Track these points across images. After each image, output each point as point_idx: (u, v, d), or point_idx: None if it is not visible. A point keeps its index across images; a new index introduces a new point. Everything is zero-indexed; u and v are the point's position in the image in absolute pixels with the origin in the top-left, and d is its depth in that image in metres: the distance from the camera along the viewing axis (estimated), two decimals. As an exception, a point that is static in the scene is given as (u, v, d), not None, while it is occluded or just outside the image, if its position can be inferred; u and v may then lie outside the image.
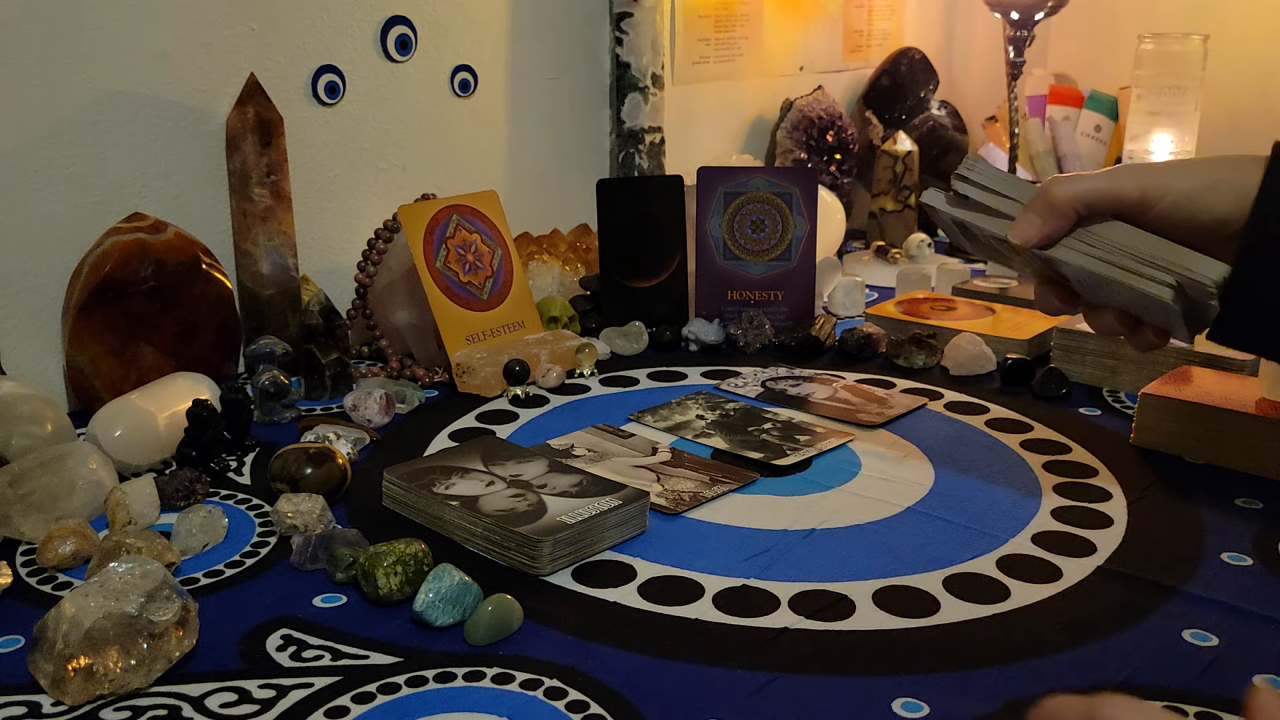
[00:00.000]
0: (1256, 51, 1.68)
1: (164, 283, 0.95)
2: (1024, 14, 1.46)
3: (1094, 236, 0.66)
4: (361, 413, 0.93)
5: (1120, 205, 0.66)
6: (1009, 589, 0.68)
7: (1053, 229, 0.67)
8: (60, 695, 0.56)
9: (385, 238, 1.06)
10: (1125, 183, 0.65)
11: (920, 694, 0.57)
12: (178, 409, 0.85)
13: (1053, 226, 0.67)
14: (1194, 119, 1.29)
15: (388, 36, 1.15)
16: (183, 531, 0.72)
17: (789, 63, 1.61)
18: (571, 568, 0.70)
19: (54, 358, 0.95)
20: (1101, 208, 0.66)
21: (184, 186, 1.02)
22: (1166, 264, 0.64)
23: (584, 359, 1.06)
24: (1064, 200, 0.66)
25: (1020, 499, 0.80)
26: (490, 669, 0.59)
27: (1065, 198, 0.66)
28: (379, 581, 0.65)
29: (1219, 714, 0.56)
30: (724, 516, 0.77)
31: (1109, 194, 0.66)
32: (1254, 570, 0.70)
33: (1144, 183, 0.65)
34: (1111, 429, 0.93)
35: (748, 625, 0.64)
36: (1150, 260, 0.65)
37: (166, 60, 0.99)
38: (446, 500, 0.74)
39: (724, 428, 0.93)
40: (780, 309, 1.18)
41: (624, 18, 1.34)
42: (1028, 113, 1.70)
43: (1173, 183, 0.64)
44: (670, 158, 1.41)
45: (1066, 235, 0.67)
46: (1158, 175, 0.65)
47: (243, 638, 0.62)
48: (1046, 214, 0.67)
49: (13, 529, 0.73)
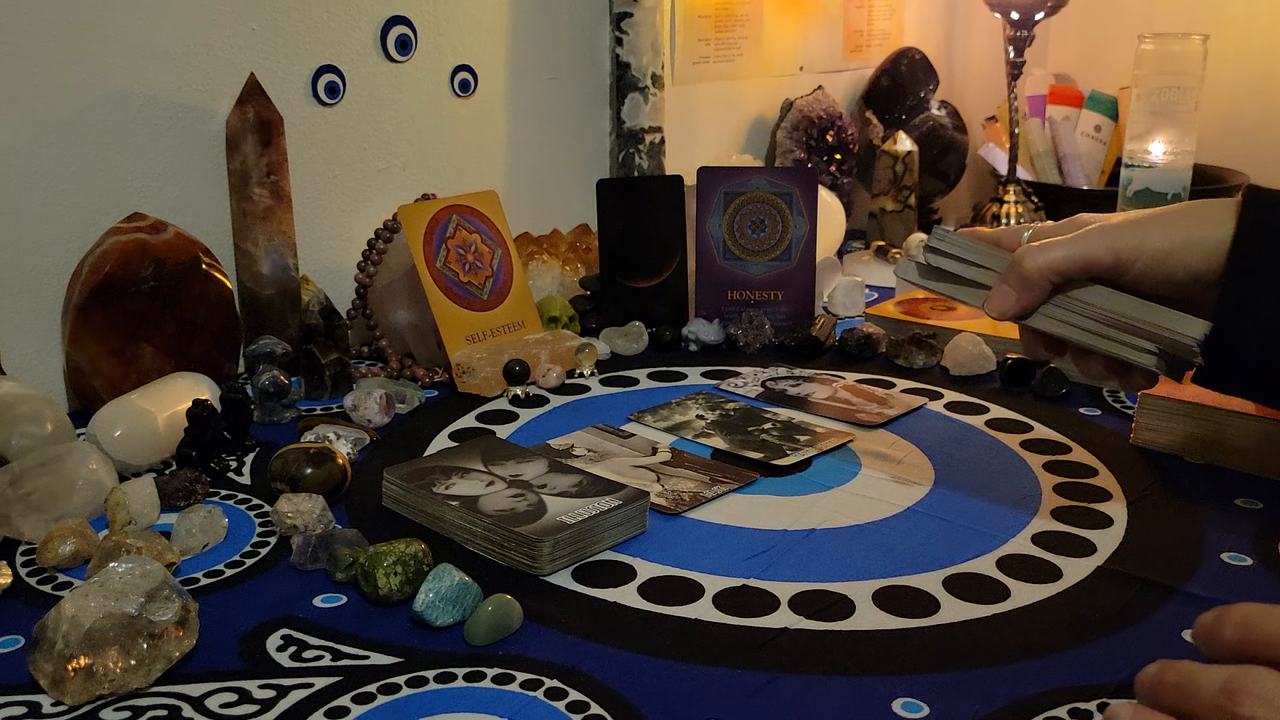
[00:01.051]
0: (1256, 51, 1.68)
1: (164, 283, 0.95)
2: (1024, 14, 1.46)
3: (1072, 302, 0.66)
4: (361, 413, 0.93)
5: (1094, 271, 0.65)
6: (1009, 589, 0.68)
7: (1028, 301, 0.67)
8: (60, 695, 0.56)
9: (385, 238, 1.06)
10: (1097, 248, 0.64)
11: (920, 694, 0.57)
12: (178, 409, 0.85)
13: (1028, 299, 0.67)
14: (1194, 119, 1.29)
15: (388, 36, 1.15)
16: (183, 531, 0.72)
17: (789, 63, 1.61)
18: (571, 568, 0.70)
19: (54, 358, 0.95)
20: (1075, 275, 0.66)
21: (184, 186, 1.02)
22: (1147, 325, 0.64)
23: (584, 359, 1.06)
24: (1037, 272, 0.65)
25: (1020, 499, 0.80)
26: (490, 669, 0.59)
27: (1038, 269, 0.65)
28: (379, 581, 0.65)
29: (1219, 714, 0.56)
30: (724, 516, 0.77)
31: (1082, 261, 0.65)
32: (1254, 570, 0.70)
33: (1116, 246, 0.64)
34: (1111, 429, 0.93)
35: (747, 625, 0.63)
36: (1130, 325, 0.65)
37: (166, 60, 0.99)
38: (446, 500, 0.74)
39: (724, 428, 0.93)
40: (780, 309, 1.18)
41: (624, 18, 1.34)
42: (1028, 113, 1.70)
43: (1146, 243, 0.63)
44: (670, 158, 1.41)
45: (1043, 304, 0.67)
46: (1130, 236, 0.64)
47: (243, 638, 0.62)
48: (1020, 287, 0.66)
49: (13, 529, 0.73)
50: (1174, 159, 1.30)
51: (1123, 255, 0.64)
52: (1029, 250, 0.66)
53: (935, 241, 0.71)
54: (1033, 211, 1.55)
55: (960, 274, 0.70)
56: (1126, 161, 1.33)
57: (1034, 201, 1.56)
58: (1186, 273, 0.63)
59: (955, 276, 0.70)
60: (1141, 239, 0.64)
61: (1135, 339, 0.65)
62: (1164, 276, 0.63)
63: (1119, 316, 0.65)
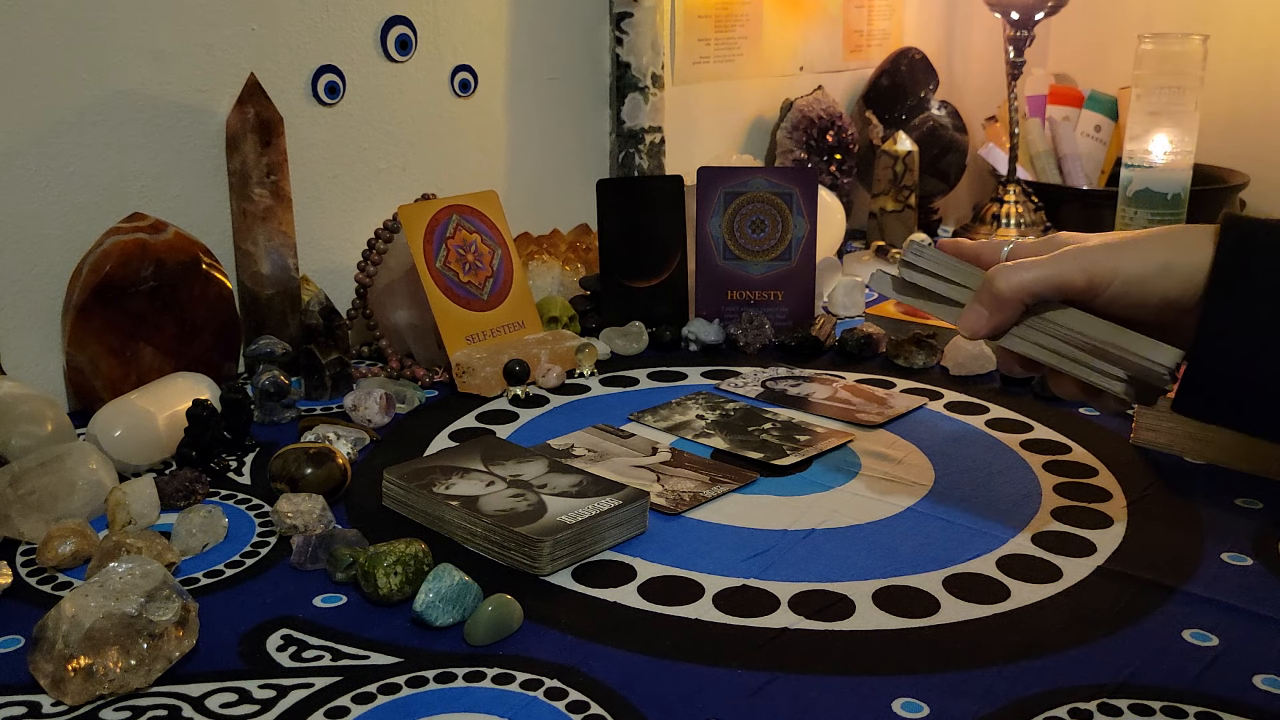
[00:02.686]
0: (1256, 51, 1.68)
1: (164, 283, 0.95)
2: (1024, 14, 1.46)
3: (1044, 324, 0.66)
4: (361, 413, 0.93)
5: (1068, 293, 0.65)
6: (1009, 589, 0.68)
7: (1000, 321, 0.66)
8: (60, 695, 0.56)
9: (385, 238, 1.06)
10: (1071, 270, 0.64)
11: (920, 694, 0.57)
12: (178, 409, 0.85)
13: (1000, 319, 0.66)
14: (1194, 119, 1.29)
15: (388, 36, 1.15)
16: (183, 531, 0.72)
17: (789, 63, 1.61)
18: (571, 568, 0.70)
19: (54, 358, 0.95)
20: (1049, 296, 0.65)
21: (184, 186, 1.02)
22: (1118, 351, 0.64)
23: (584, 359, 1.06)
24: (1010, 292, 0.65)
25: (1020, 499, 0.80)
26: (490, 669, 0.59)
27: (1011, 289, 0.65)
28: (379, 581, 0.65)
29: (1219, 714, 0.56)
30: (724, 516, 0.77)
31: (1055, 282, 0.65)
32: (1254, 570, 0.70)
33: (1091, 269, 0.64)
34: (1111, 429, 0.93)
35: (747, 625, 0.64)
36: (1101, 349, 0.64)
37: (166, 60, 0.99)
38: (446, 500, 0.74)
39: (724, 428, 0.93)
40: (780, 309, 1.18)
41: (624, 18, 1.34)
42: (1028, 113, 1.70)
43: (1121, 267, 0.63)
44: (670, 158, 1.41)
45: (1016, 324, 0.67)
46: (1105, 260, 0.64)
47: (243, 638, 0.62)
48: (993, 306, 0.66)
49: (13, 529, 0.73)
50: (1174, 159, 1.30)
51: (1097, 278, 0.63)
52: (1002, 270, 0.66)
53: (911, 256, 0.70)
54: (1033, 212, 1.55)
55: (934, 290, 0.69)
56: (1126, 161, 1.33)
57: (1034, 201, 1.56)
58: (1160, 299, 0.62)
59: (929, 292, 0.70)
60: (1116, 263, 0.63)
61: (1105, 364, 0.65)
62: (1138, 301, 0.63)
63: (1090, 340, 0.65)
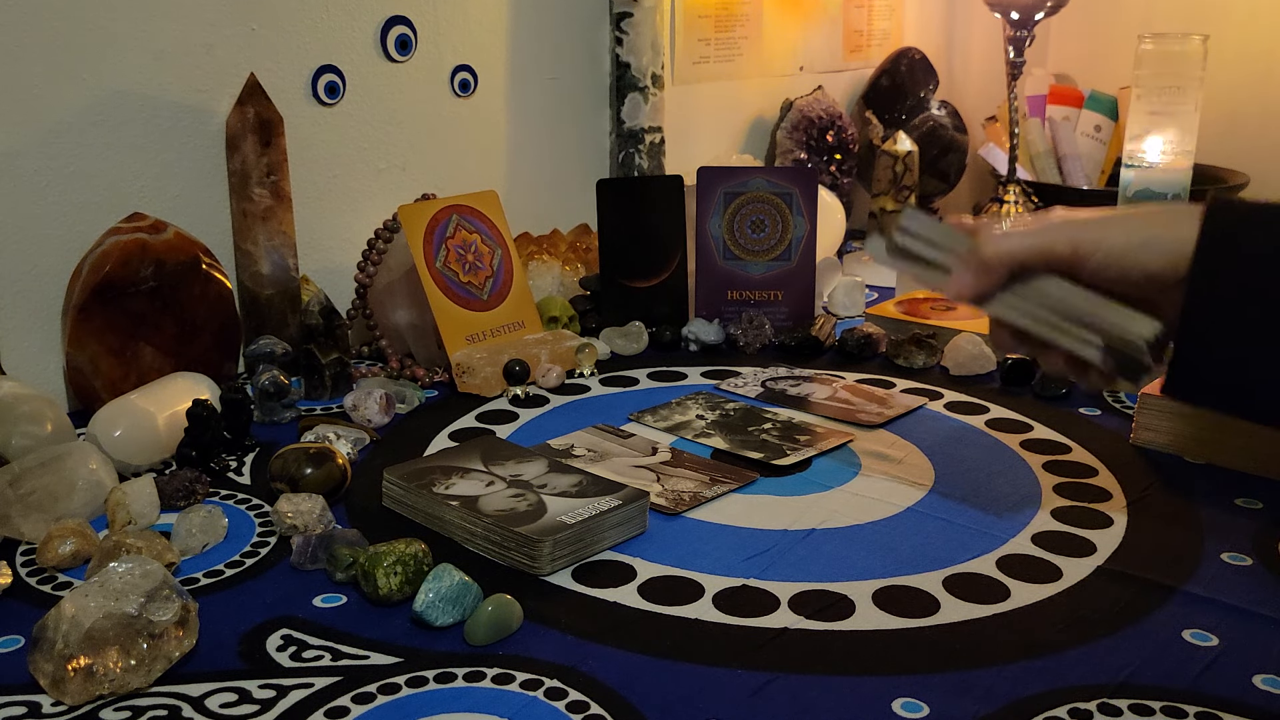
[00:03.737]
0: (1256, 51, 1.68)
1: (164, 283, 0.95)
2: (1024, 14, 1.46)
3: (1029, 291, 0.67)
4: (361, 413, 0.93)
5: (1052, 262, 0.66)
6: (1009, 589, 0.68)
7: (985, 286, 0.68)
8: (60, 695, 0.56)
9: (385, 238, 1.06)
10: (1057, 239, 0.65)
11: (920, 694, 0.57)
12: (178, 409, 0.85)
13: (985, 284, 0.67)
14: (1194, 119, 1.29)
15: (388, 36, 1.15)
16: (183, 531, 0.72)
17: (789, 63, 1.61)
18: (571, 568, 0.70)
19: (54, 358, 0.95)
20: (1034, 265, 0.66)
21: (184, 186, 1.02)
22: (1097, 322, 0.64)
23: (584, 359, 1.06)
24: (995, 258, 0.67)
25: (1020, 499, 0.80)
26: (490, 669, 0.59)
27: (996, 255, 0.66)
28: (379, 581, 0.65)
29: (1219, 714, 0.56)
30: (724, 516, 0.77)
31: (1040, 251, 0.66)
32: (1254, 570, 0.70)
33: (1076, 239, 0.64)
34: (1111, 429, 0.93)
35: (747, 625, 0.64)
36: (1080, 319, 0.65)
37: (166, 60, 0.99)
38: (446, 500, 0.74)
39: (724, 428, 0.93)
40: (780, 309, 1.18)
41: (624, 18, 1.34)
42: (1028, 113, 1.70)
43: (1105, 239, 0.64)
44: (670, 158, 1.41)
45: (1002, 291, 0.67)
46: (1091, 231, 0.64)
47: (243, 638, 0.62)
48: (979, 271, 0.67)
49: (13, 529, 0.73)
50: (1174, 159, 1.30)
51: (1081, 248, 0.64)
52: (989, 237, 0.67)
53: (905, 222, 0.71)
54: (1033, 212, 1.55)
55: (925, 255, 0.70)
56: (1126, 161, 1.33)
57: (1034, 201, 1.56)
58: (1142, 272, 0.63)
59: (919, 258, 0.71)
60: (1101, 234, 0.64)
61: (1085, 332, 0.65)
62: (1120, 274, 0.64)
63: (1073, 309, 0.66)
